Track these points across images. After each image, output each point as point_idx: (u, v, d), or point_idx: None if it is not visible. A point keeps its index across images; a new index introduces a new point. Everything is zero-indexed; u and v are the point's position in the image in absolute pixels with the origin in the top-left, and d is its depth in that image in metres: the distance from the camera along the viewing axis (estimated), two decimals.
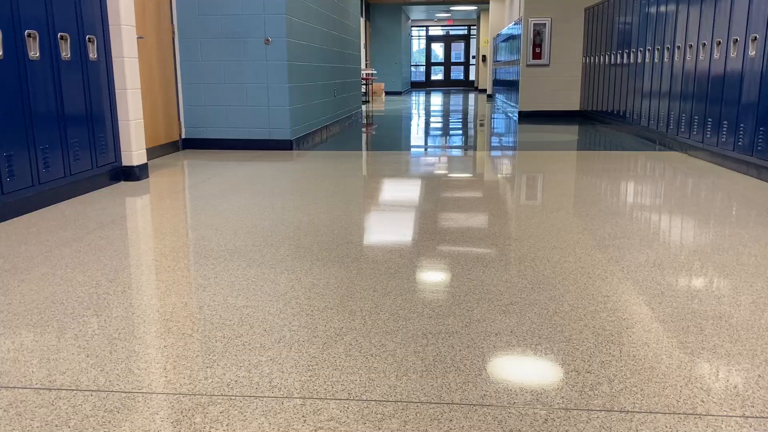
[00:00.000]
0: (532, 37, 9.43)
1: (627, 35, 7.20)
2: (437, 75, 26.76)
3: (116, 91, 4.06)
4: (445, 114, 11.31)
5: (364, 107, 13.15)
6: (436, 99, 16.96)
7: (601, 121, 8.40)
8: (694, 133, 5.18)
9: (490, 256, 2.46)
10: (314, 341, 1.68)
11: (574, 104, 9.61)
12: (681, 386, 1.44)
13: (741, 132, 4.36)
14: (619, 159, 5.24)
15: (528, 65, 9.57)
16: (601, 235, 2.80)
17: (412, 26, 25.68)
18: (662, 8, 6.04)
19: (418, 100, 16.70)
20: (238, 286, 2.13)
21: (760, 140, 4.11)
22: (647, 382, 1.46)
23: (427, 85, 26.55)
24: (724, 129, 4.62)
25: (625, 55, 7.27)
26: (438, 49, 26.73)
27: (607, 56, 8.06)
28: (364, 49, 17.70)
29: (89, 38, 3.77)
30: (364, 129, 8.36)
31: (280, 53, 5.65)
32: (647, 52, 6.46)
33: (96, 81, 3.85)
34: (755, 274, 2.24)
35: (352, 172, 4.66)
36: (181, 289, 2.11)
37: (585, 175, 4.45)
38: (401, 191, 3.86)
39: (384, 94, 19.32)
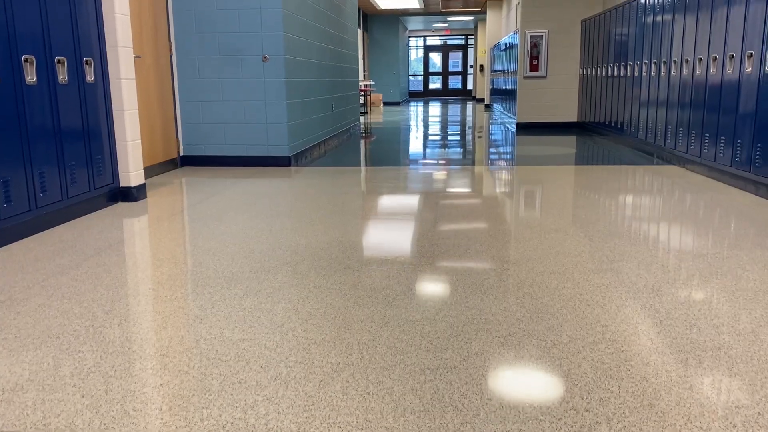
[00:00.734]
0: (529, 49, 9.46)
1: (623, 48, 7.22)
2: (435, 84, 26.82)
3: (113, 112, 4.06)
4: (443, 125, 11.33)
5: (362, 118, 13.18)
6: (434, 109, 16.99)
7: (598, 132, 8.41)
8: (692, 147, 5.18)
9: (489, 283, 2.45)
10: (311, 378, 1.67)
11: (571, 116, 9.63)
12: (680, 426, 1.43)
13: (738, 147, 4.37)
14: (616, 174, 5.24)
15: (525, 77, 9.59)
16: (600, 257, 2.79)
17: (409, 36, 25.78)
18: (658, 22, 6.06)
19: (416, 110, 16.73)
20: (235, 317, 2.12)
21: (757, 156, 4.11)
22: (646, 421, 1.45)
23: (425, 95, 26.61)
24: (722, 144, 4.62)
25: (621, 67, 7.29)
26: (436, 58, 26.81)
27: (603, 68, 8.08)
28: (362, 60, 17.77)
29: (86, 61, 3.78)
30: (362, 142, 8.37)
31: (277, 71, 5.67)
32: (644, 65, 6.47)
33: (93, 103, 3.85)
34: (754, 300, 2.23)
35: (350, 189, 4.65)
36: (178, 321, 2.10)
37: (583, 192, 4.45)
38: (398, 211, 3.85)
39: (382, 104, 19.37)
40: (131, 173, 4.16)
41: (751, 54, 4.19)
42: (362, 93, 15.51)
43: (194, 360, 1.80)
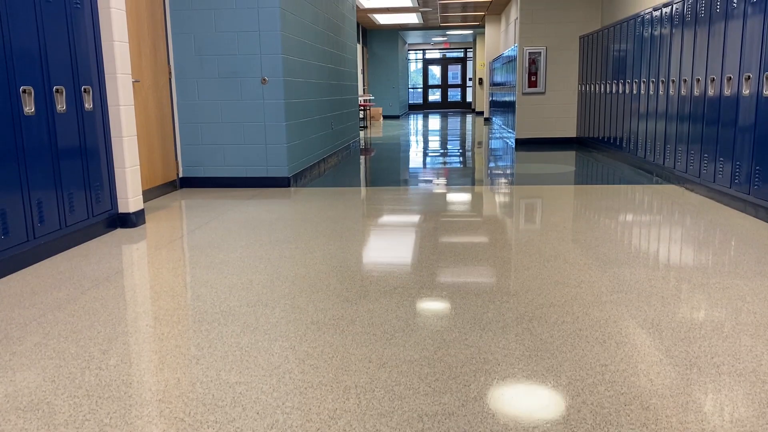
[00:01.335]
0: (527, 65, 9.49)
1: (622, 65, 7.24)
2: (435, 96, 26.89)
3: (112, 139, 4.07)
4: (443, 141, 11.34)
5: (362, 133, 13.21)
6: (434, 123, 17.02)
7: (597, 148, 8.42)
8: (691, 167, 5.18)
9: (488, 317, 2.44)
10: (307, 427, 1.66)
11: (570, 131, 9.64)
12: None
13: (737, 169, 4.36)
14: (615, 195, 5.24)
15: (524, 93, 9.61)
16: (599, 288, 2.78)
17: (409, 50, 25.88)
18: (656, 41, 6.08)
19: (415, 124, 16.76)
20: (232, 357, 2.11)
21: (756, 179, 4.11)
22: None
23: (424, 107, 26.68)
24: (720, 165, 4.62)
25: (620, 85, 7.31)
26: (435, 71, 26.90)
27: (602, 85, 8.10)
28: (361, 75, 17.83)
29: (85, 89, 3.78)
30: (361, 160, 8.38)
31: (276, 92, 5.68)
32: (642, 83, 6.49)
33: (92, 131, 3.85)
34: (755, 336, 2.22)
35: (348, 213, 4.65)
36: (175, 361, 2.08)
37: (582, 214, 4.44)
38: (396, 238, 3.84)
39: (382, 118, 19.42)
40: (130, 199, 4.16)
41: (749, 76, 4.20)
42: (362, 108, 15.56)
43: (190, 406, 1.78)
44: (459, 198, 5.23)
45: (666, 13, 5.79)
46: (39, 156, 3.36)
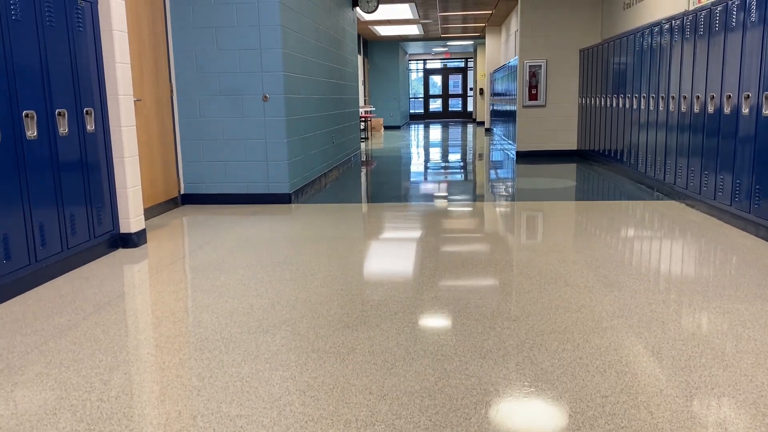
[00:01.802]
0: (527, 78, 9.52)
1: (622, 79, 7.27)
2: (436, 105, 26.95)
3: (114, 159, 4.08)
4: (444, 153, 11.37)
5: (363, 145, 13.24)
6: (435, 134, 17.06)
7: (598, 161, 8.43)
8: (692, 184, 5.19)
9: (488, 345, 2.44)
10: None
11: (571, 144, 9.66)
12: None
13: (737, 188, 4.37)
14: (616, 211, 5.24)
15: (524, 106, 9.64)
16: (600, 313, 2.78)
17: (409, 60, 25.97)
18: (656, 56, 6.10)
19: (416, 135, 16.80)
20: (233, 388, 2.11)
21: (756, 198, 4.11)
22: None
23: (425, 117, 26.73)
24: (721, 183, 4.63)
25: (620, 99, 7.33)
26: (436, 80, 26.97)
27: (602, 99, 8.12)
28: (362, 86, 17.89)
29: (87, 111, 3.81)
30: (362, 174, 8.39)
31: (277, 109, 5.71)
32: (642, 98, 6.51)
33: (94, 152, 3.87)
34: (755, 365, 2.22)
35: (349, 232, 4.66)
36: (176, 393, 2.09)
37: (583, 232, 4.45)
38: (397, 259, 3.85)
39: (383, 129, 19.47)
40: (131, 219, 4.17)
41: (748, 95, 4.21)
42: (362, 119, 15.60)
43: None
44: (460, 216, 5.24)
45: (666, 29, 5.82)
46: (41, 180, 3.38)
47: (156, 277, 3.52)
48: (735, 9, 4.42)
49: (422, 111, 26.87)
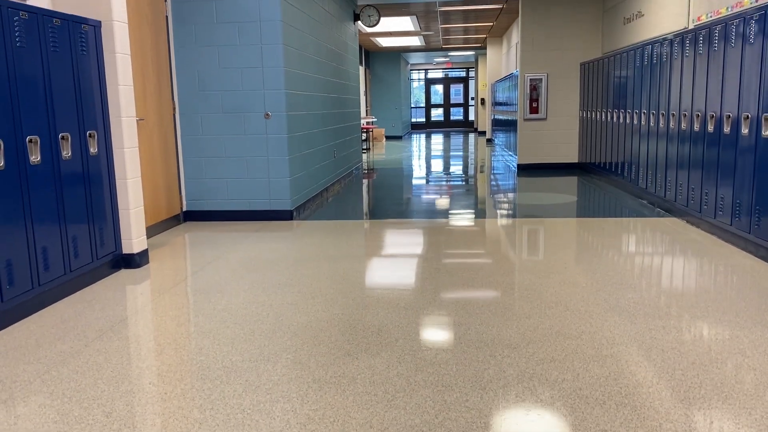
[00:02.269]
0: (528, 92, 9.55)
1: (622, 95, 7.29)
2: (437, 114, 27.01)
3: (117, 181, 4.11)
4: (446, 165, 11.39)
5: (364, 156, 13.27)
6: (437, 145, 17.10)
7: (599, 175, 8.44)
8: (692, 202, 5.20)
9: (488, 374, 2.45)
10: None
11: (572, 156, 9.68)
12: None
13: (737, 207, 4.38)
14: (617, 229, 5.26)
15: (525, 119, 9.67)
16: (599, 340, 2.79)
17: (411, 70, 26.05)
18: (656, 72, 6.12)
19: (418, 146, 16.84)
20: (234, 421, 2.13)
21: (756, 218, 4.13)
22: None
23: (427, 126, 26.78)
24: (721, 203, 4.64)
25: (620, 114, 7.35)
26: (437, 90, 27.05)
27: (603, 113, 8.15)
28: (364, 96, 17.94)
29: (90, 134, 3.84)
30: (363, 187, 8.42)
31: (279, 127, 5.74)
32: (642, 114, 6.53)
33: (97, 174, 3.90)
34: (755, 396, 2.23)
35: (350, 251, 4.67)
36: (177, 426, 2.10)
37: (583, 252, 4.46)
38: (397, 280, 3.86)
39: (384, 139, 19.51)
40: (134, 240, 4.19)
41: (747, 116, 4.23)
42: (364, 130, 15.64)
43: None
44: (461, 234, 5.25)
45: (666, 46, 5.85)
46: (45, 204, 3.41)
47: (158, 301, 3.54)
48: (734, 29, 4.44)
49: (424, 120, 26.93)
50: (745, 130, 4.27)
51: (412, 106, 26.49)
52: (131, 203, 4.16)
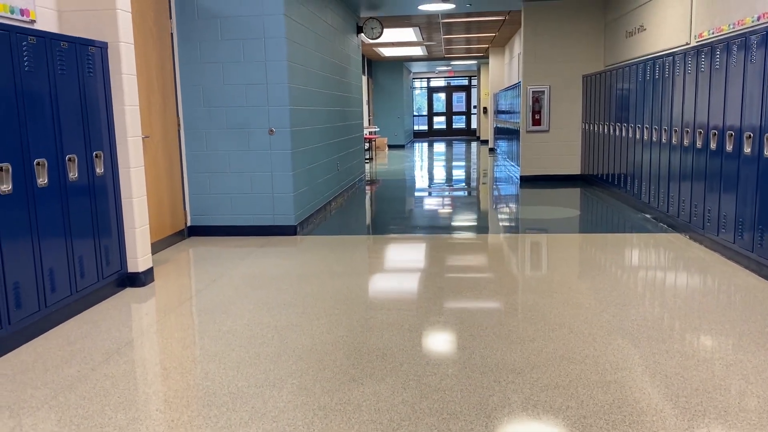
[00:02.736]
0: (531, 104, 9.58)
1: (624, 108, 7.32)
2: (440, 122, 27.07)
3: (122, 200, 4.14)
4: (448, 176, 11.42)
5: (367, 166, 13.30)
6: (439, 155, 17.13)
7: (601, 187, 8.46)
8: (695, 218, 5.21)
9: (493, 402, 2.46)
10: None
11: (574, 168, 9.70)
12: None
13: (740, 226, 4.39)
14: (620, 245, 5.27)
15: (528, 131, 9.70)
16: (603, 364, 2.80)
17: (413, 78, 26.13)
18: (658, 88, 6.15)
19: (420, 155, 16.87)
20: None
21: (759, 237, 4.14)
22: None
23: (429, 134, 26.83)
24: (724, 220, 4.65)
25: (623, 128, 7.37)
26: (440, 98, 27.11)
27: (605, 126, 8.17)
28: (366, 106, 18.00)
29: (96, 154, 3.87)
30: (366, 201, 8.45)
31: (284, 142, 5.77)
32: (644, 129, 6.55)
33: (103, 194, 3.93)
34: (758, 425, 2.24)
35: (353, 268, 4.69)
36: None
37: (586, 271, 4.47)
38: (400, 300, 3.87)
39: (387, 148, 19.56)
40: (139, 259, 4.22)
41: (750, 135, 4.25)
42: (367, 140, 15.69)
43: None
44: (464, 251, 5.27)
45: (668, 62, 5.88)
46: (51, 226, 3.43)
47: (163, 321, 3.56)
48: (735, 48, 4.47)
49: (426, 128, 26.98)
50: (747, 149, 4.29)
51: (415, 114, 26.56)
52: (137, 222, 4.19)
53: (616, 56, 8.59)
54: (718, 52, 4.78)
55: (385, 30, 10.86)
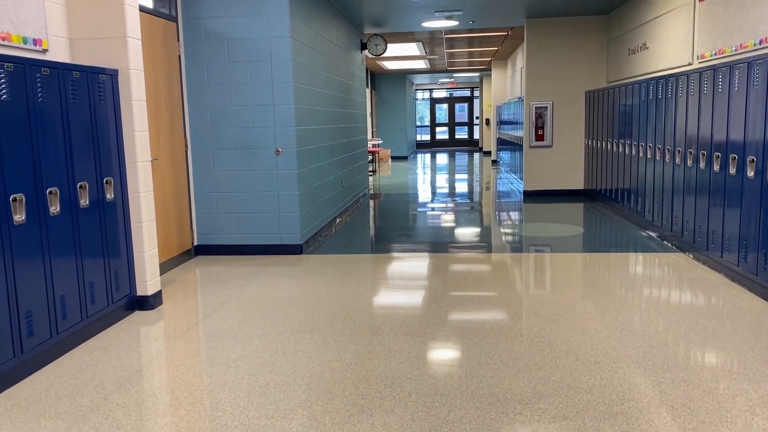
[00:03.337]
0: (533, 119, 9.64)
1: (627, 125, 7.36)
2: (442, 130, 27.16)
3: (132, 225, 4.18)
4: (451, 190, 11.46)
5: (371, 178, 13.36)
6: (442, 167, 17.18)
7: (604, 202, 8.50)
8: (698, 239, 5.24)
9: None
10: None
11: (578, 183, 9.74)
12: None
13: (744, 248, 4.42)
14: (625, 266, 5.30)
15: (531, 147, 9.75)
16: (610, 394, 2.83)
17: (416, 89, 26.24)
18: (661, 107, 6.19)
19: (423, 167, 16.93)
20: None
21: (763, 261, 4.16)
22: None
23: (432, 145, 26.92)
24: (727, 243, 4.68)
25: (626, 146, 7.42)
26: (442, 108, 27.21)
27: (608, 143, 8.21)
28: (370, 118, 18.08)
29: (107, 180, 3.92)
30: (370, 217, 8.49)
31: (290, 163, 5.82)
32: (648, 148, 6.59)
33: (113, 220, 3.98)
34: None
35: (360, 291, 4.72)
36: None
37: (591, 293, 4.50)
38: (406, 324, 3.90)
39: (390, 160, 19.63)
40: (148, 282, 4.26)
41: (753, 160, 4.29)
42: (370, 153, 15.76)
43: None
44: (469, 272, 5.29)
45: (671, 83, 5.92)
46: (63, 253, 3.48)
47: (173, 347, 3.59)
48: (738, 73, 4.51)
49: (429, 138, 27.07)
50: (750, 173, 4.33)
51: (417, 124, 26.66)
52: (146, 246, 4.23)
53: (619, 73, 8.64)
54: (720, 76, 4.82)
55: (388, 45, 10.94)
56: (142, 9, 4.93)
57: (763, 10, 4.72)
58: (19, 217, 3.12)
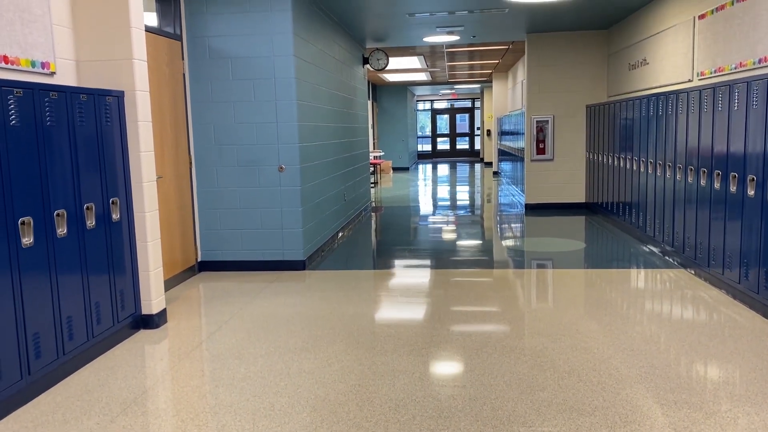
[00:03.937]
0: (535, 133, 9.69)
1: (628, 140, 7.40)
2: (443, 143, 27.24)
3: (137, 244, 4.22)
4: (453, 203, 11.50)
5: (372, 191, 13.40)
6: (443, 179, 17.23)
7: (606, 216, 8.53)
8: (700, 256, 5.27)
9: None
10: None
11: (579, 196, 9.77)
12: None
13: (745, 266, 4.45)
14: (627, 283, 5.32)
15: (532, 160, 9.79)
16: (613, 418, 2.85)
17: (417, 101, 26.34)
18: (662, 124, 6.24)
19: (425, 178, 16.98)
20: None
21: (765, 280, 4.19)
22: None
23: (433, 156, 26.98)
24: (728, 260, 4.70)
25: (627, 161, 7.46)
26: (443, 119, 27.31)
27: (609, 157, 8.25)
28: (371, 129, 18.15)
29: (113, 201, 3.96)
30: (372, 231, 8.52)
31: (293, 179, 5.86)
32: (648, 163, 6.63)
33: (118, 240, 4.01)
34: None
35: (361, 309, 4.75)
36: None
37: (594, 311, 4.52)
38: (410, 345, 3.93)
39: (392, 171, 19.68)
40: (153, 301, 4.29)
41: (753, 179, 4.32)
42: (372, 165, 15.81)
43: None
44: (472, 289, 5.32)
45: (671, 99, 5.97)
46: (69, 274, 3.51)
47: (178, 368, 3.62)
48: (737, 93, 4.56)
49: (430, 149, 27.14)
50: (751, 192, 4.36)
51: (419, 134, 26.75)
52: (151, 265, 4.27)
53: (620, 87, 8.70)
54: (720, 95, 4.86)
55: (390, 59, 11.02)
56: (147, 29, 4.99)
57: (761, 29, 4.77)
58: (27, 240, 3.16)
